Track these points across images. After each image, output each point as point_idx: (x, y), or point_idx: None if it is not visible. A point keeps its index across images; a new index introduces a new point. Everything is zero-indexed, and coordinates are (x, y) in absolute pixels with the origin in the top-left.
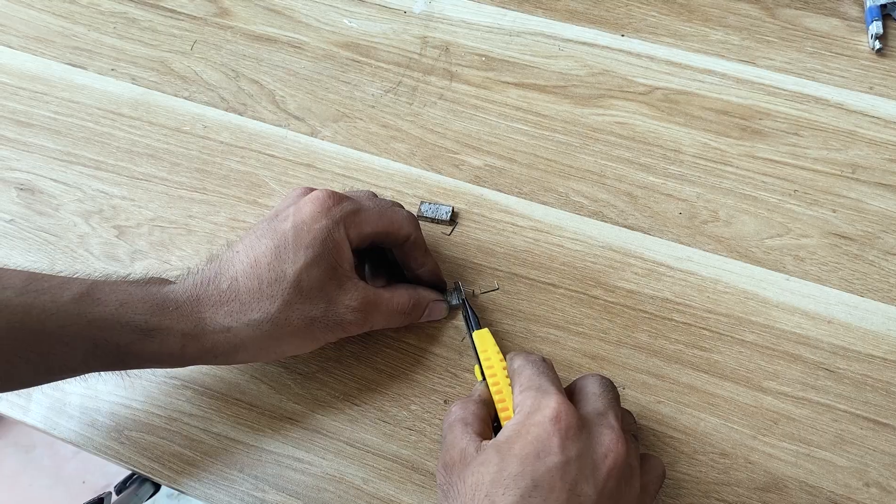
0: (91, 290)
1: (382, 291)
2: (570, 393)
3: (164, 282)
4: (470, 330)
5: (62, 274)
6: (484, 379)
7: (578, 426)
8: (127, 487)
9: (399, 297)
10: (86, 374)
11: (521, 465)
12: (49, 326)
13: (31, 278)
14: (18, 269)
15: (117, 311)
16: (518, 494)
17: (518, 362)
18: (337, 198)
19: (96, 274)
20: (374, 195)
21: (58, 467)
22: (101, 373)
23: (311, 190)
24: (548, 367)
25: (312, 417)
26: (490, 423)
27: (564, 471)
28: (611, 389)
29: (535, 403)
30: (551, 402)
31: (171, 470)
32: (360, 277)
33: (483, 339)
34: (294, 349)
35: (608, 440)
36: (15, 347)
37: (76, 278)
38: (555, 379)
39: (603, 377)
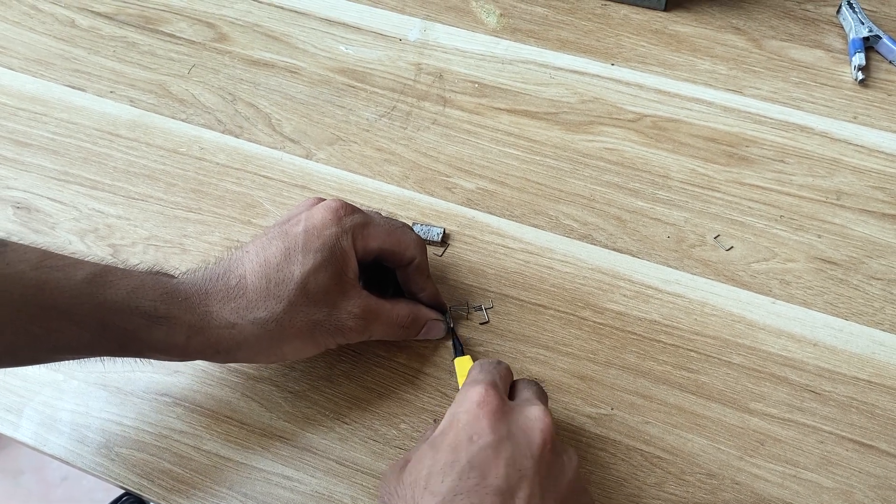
0: (104, 272)
1: (384, 302)
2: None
3: (172, 276)
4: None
5: (76, 255)
6: None
7: (503, 407)
8: None
9: (399, 309)
10: (88, 359)
11: (455, 452)
12: (60, 303)
13: (46, 255)
14: (34, 245)
15: (128, 296)
16: (455, 478)
17: (473, 366)
18: (349, 209)
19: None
20: (381, 215)
21: (45, 493)
22: (105, 359)
23: (323, 200)
24: (493, 365)
25: (302, 435)
26: None
27: (499, 448)
28: (535, 384)
29: (462, 395)
30: (476, 389)
31: (161, 487)
32: None
33: (464, 366)
34: (294, 352)
35: (536, 414)
36: (24, 321)
37: (89, 261)
38: (493, 373)
39: (531, 380)
